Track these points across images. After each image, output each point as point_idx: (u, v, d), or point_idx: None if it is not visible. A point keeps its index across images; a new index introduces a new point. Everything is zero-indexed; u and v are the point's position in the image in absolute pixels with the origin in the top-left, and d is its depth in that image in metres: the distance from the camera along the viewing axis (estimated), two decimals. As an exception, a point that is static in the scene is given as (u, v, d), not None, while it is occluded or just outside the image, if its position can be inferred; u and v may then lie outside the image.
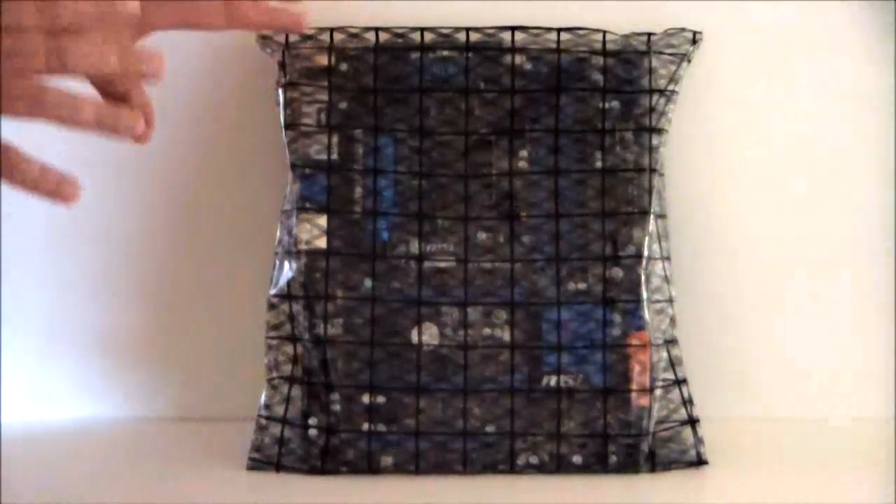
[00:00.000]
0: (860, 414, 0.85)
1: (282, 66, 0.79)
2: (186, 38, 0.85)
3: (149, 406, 0.88)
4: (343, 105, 0.78)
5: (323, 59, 0.78)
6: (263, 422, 0.76)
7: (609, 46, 0.79)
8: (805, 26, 0.84)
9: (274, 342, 0.77)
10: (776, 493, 0.70)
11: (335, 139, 0.77)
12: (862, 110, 0.85)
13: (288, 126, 0.78)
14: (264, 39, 0.80)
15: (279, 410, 0.76)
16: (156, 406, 0.88)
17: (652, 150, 0.77)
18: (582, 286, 0.76)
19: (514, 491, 0.71)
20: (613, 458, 0.75)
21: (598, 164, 0.77)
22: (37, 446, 0.82)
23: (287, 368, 0.76)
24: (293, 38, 0.79)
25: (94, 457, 0.79)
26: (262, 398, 0.77)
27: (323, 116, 0.78)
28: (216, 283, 0.87)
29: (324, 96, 0.78)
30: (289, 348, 0.76)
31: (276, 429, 0.76)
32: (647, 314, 0.75)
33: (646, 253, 0.76)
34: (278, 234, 0.78)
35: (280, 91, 0.79)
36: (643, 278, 0.76)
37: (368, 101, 0.78)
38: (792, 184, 0.85)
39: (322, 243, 0.76)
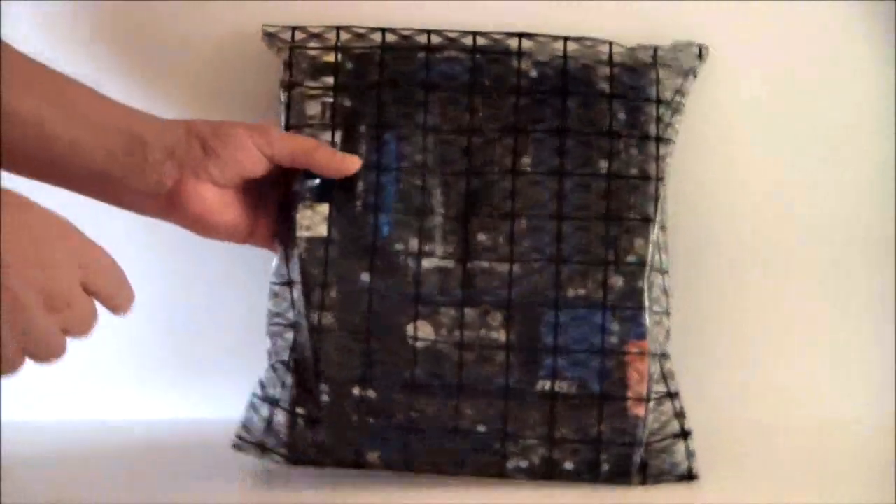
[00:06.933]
0: (860, 415, 0.85)
1: (287, 64, 0.79)
2: (189, 34, 0.85)
3: (148, 406, 0.88)
4: (348, 103, 0.78)
5: (329, 58, 0.79)
6: (256, 402, 0.76)
7: (615, 59, 0.78)
8: (805, 27, 0.84)
9: (276, 329, 0.77)
10: (773, 500, 0.70)
11: (339, 136, 0.77)
12: (862, 113, 0.84)
13: (292, 125, 0.78)
14: (270, 37, 0.80)
15: (273, 392, 0.76)
16: (155, 406, 0.88)
17: (658, 159, 0.77)
18: (581, 291, 0.75)
19: (501, 499, 0.71)
20: (605, 467, 0.74)
21: (602, 169, 0.76)
22: (37, 446, 0.82)
23: (286, 354, 0.76)
24: (299, 36, 0.79)
25: (94, 457, 0.79)
26: (261, 378, 0.77)
27: (328, 114, 0.78)
28: (216, 283, 0.87)
29: (329, 94, 0.78)
30: (289, 335, 0.76)
31: (265, 410, 0.76)
32: (647, 322, 0.75)
33: (648, 261, 0.76)
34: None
35: (285, 89, 0.79)
36: (645, 286, 0.75)
37: (373, 99, 0.78)
38: (791, 187, 0.85)
39: (322, 231, 0.76)
